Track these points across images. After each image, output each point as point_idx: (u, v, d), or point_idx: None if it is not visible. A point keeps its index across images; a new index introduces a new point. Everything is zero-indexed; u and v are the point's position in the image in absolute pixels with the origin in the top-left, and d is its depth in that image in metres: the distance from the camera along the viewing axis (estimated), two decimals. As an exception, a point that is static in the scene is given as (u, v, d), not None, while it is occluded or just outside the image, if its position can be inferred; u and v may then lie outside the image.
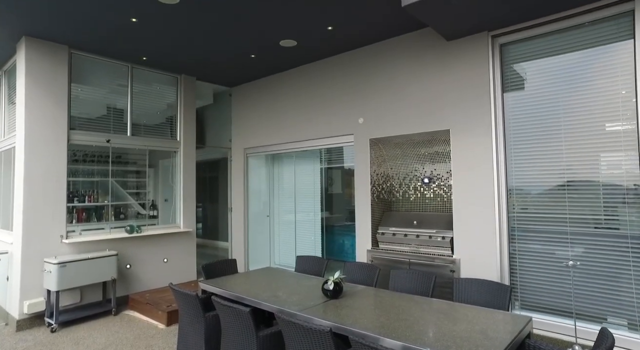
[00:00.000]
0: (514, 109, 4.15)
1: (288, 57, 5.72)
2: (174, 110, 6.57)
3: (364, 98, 5.28)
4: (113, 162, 5.84)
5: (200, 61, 5.90)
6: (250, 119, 7.00)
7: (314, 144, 5.96)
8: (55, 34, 4.81)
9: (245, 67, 6.18)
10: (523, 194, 4.09)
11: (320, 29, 4.69)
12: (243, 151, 7.11)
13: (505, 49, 4.23)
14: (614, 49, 3.60)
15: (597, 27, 3.69)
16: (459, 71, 4.39)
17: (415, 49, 4.77)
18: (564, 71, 3.86)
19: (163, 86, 6.43)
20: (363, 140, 5.24)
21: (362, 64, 5.33)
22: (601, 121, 3.65)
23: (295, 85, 6.22)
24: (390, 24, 4.58)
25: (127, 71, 5.92)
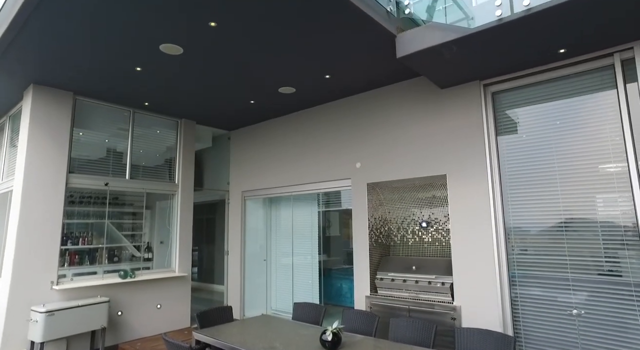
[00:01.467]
0: (508, 152, 4.23)
1: (286, 103, 5.89)
2: (174, 153, 6.65)
3: (361, 143, 5.38)
4: (110, 203, 5.82)
5: (201, 106, 6.06)
6: (248, 162, 7.08)
7: (311, 187, 6.00)
8: (61, 82, 4.97)
9: (244, 112, 6.34)
10: (521, 236, 4.07)
11: (318, 77, 4.87)
12: (241, 194, 7.13)
13: (497, 97, 4.38)
14: (600, 97, 3.74)
15: (583, 78, 3.85)
16: (453, 117, 4.52)
17: (411, 96, 4.94)
18: (554, 116, 3.99)
19: (163, 130, 6.56)
20: (360, 184, 5.28)
21: (359, 109, 5.49)
22: (594, 163, 3.71)
23: (293, 129, 6.36)
24: (386, 72, 4.77)
25: (128, 116, 6.05)
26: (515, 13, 3.16)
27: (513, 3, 3.20)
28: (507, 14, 3.20)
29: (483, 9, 3.38)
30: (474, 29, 3.36)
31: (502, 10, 3.22)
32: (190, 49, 4.06)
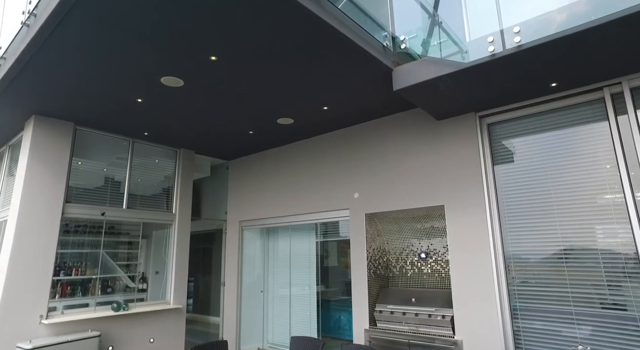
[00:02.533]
0: (505, 182, 4.25)
1: (285, 133, 5.96)
2: (172, 182, 6.65)
3: (359, 173, 5.40)
4: (106, 232, 5.76)
5: (200, 136, 6.12)
6: (246, 192, 7.07)
7: (309, 218, 5.97)
8: (63, 113, 5.03)
9: (243, 142, 6.40)
10: (522, 266, 4.02)
11: (316, 108, 4.96)
12: (238, 224, 7.07)
13: (492, 128, 4.45)
14: (593, 128, 3.80)
15: (575, 111, 3.93)
16: (450, 148, 4.56)
17: (408, 127, 5.01)
18: (550, 147, 4.03)
19: (162, 159, 6.59)
20: (358, 215, 5.26)
21: (356, 140, 5.55)
22: (590, 193, 3.72)
23: (292, 160, 6.40)
24: (383, 104, 4.86)
25: (128, 145, 6.10)
26: (507, 49, 3.26)
27: (505, 40, 3.32)
28: (499, 49, 3.30)
29: (476, 44, 3.49)
30: (468, 64, 3.46)
31: (495, 46, 3.33)
32: (191, 81, 4.15)
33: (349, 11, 3.57)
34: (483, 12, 3.90)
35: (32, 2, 3.28)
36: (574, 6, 2.98)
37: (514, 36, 3.22)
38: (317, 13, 3.07)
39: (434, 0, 4.50)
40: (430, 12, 4.49)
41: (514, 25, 3.26)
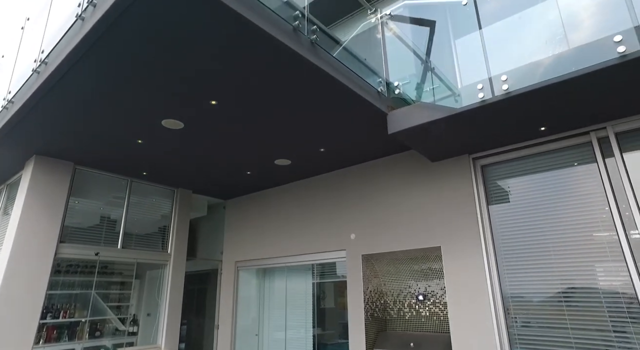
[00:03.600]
0: (501, 222, 4.27)
1: (282, 174, 6.04)
2: (168, 222, 6.62)
3: (355, 214, 5.42)
4: (99, 272, 5.64)
5: (198, 176, 6.18)
6: (243, 232, 7.03)
7: (306, 258, 5.91)
8: (64, 153, 5.11)
9: (240, 182, 6.46)
10: (522, 308, 3.95)
11: (313, 150, 5.06)
12: (234, 264, 6.97)
13: (486, 169, 4.54)
14: (584, 170, 3.89)
15: (565, 153, 4.04)
16: (445, 189, 4.63)
17: (403, 169, 5.10)
18: (543, 187, 4.10)
19: (159, 198, 6.60)
20: (355, 256, 5.22)
21: (353, 181, 5.62)
22: (585, 233, 3.74)
23: (288, 200, 6.43)
24: (379, 146, 4.98)
25: (126, 184, 6.13)
26: (496, 96, 3.41)
27: (493, 87, 3.48)
28: (489, 96, 3.45)
29: (467, 90, 3.65)
30: (459, 109, 3.60)
31: (484, 93, 3.48)
32: (191, 124, 4.26)
33: (345, 58, 3.76)
34: (474, 57, 4.10)
35: (44, 51, 3.44)
36: (557, 57, 3.16)
37: (502, 84, 3.37)
38: (314, 61, 3.24)
39: (426, 47, 4.74)
40: (422, 58, 4.72)
41: (501, 74, 3.42)
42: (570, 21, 3.50)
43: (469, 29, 4.12)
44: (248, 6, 2.72)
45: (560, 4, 3.66)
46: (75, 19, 2.96)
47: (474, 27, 4.04)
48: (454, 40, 4.37)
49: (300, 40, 3.17)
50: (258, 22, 2.76)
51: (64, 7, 3.42)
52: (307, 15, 3.38)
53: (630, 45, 2.76)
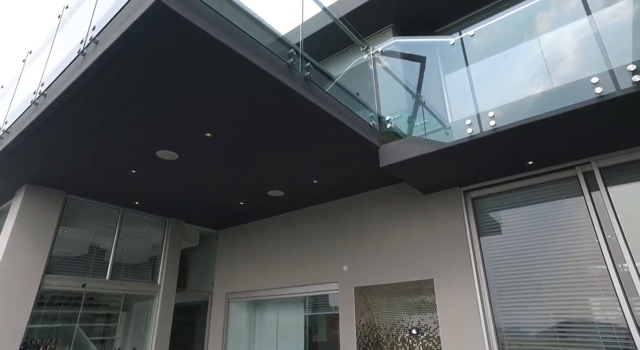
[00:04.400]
0: (493, 255, 4.28)
1: (275, 205, 6.05)
2: (159, 252, 6.53)
3: (348, 246, 5.41)
4: (84, 304, 5.46)
5: (190, 206, 6.17)
6: (235, 263, 6.94)
7: (298, 291, 5.83)
8: (56, 182, 5.10)
9: (233, 212, 6.44)
10: (516, 340, 3.89)
11: (307, 182, 5.11)
12: (225, 296, 6.83)
13: (476, 202, 4.60)
14: (571, 202, 3.97)
15: (553, 187, 4.13)
16: (437, 221, 4.66)
17: (396, 201, 5.15)
18: (533, 220, 4.15)
19: (151, 228, 6.54)
20: (348, 288, 5.17)
21: (346, 213, 5.64)
22: (575, 265, 3.77)
23: (281, 231, 6.40)
24: (371, 179, 5.04)
25: (117, 214, 6.08)
26: (484, 131, 3.51)
27: (481, 122, 3.59)
28: (477, 131, 3.56)
29: (456, 125, 3.77)
30: (449, 144, 3.70)
31: (473, 129, 3.59)
32: (185, 155, 4.31)
33: (337, 93, 3.88)
34: (463, 92, 4.23)
35: (44, 84, 3.51)
36: (541, 95, 3.29)
37: (490, 120, 3.49)
38: (308, 97, 3.34)
39: (417, 82, 4.90)
40: (414, 93, 4.87)
41: (489, 110, 3.55)
42: (554, 57, 3.69)
43: (458, 65, 4.30)
44: (246, 44, 2.84)
45: (542, 42, 3.86)
46: (77, 54, 3.06)
47: (463, 64, 4.22)
48: (444, 75, 4.55)
49: (294, 77, 3.28)
50: (255, 60, 2.88)
51: (66, 42, 3.53)
52: (302, 53, 3.52)
53: (606, 86, 2.90)
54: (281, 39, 3.45)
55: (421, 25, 5.99)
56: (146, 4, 2.41)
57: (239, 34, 2.82)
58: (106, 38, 2.75)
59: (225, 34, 2.70)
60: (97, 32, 2.88)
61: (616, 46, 3.25)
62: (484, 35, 4.21)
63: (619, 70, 2.91)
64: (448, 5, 5.68)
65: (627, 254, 3.49)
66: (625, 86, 2.85)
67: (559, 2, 3.79)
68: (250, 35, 2.93)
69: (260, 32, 3.17)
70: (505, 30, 4.22)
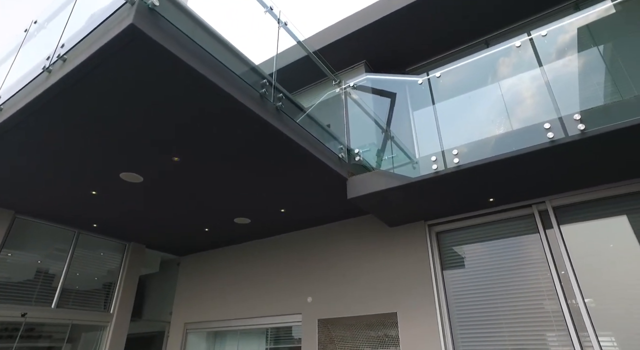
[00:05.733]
0: (455, 289, 4.34)
1: (241, 232, 5.93)
2: (115, 277, 6.18)
3: (313, 277, 5.33)
4: (21, 337, 4.99)
5: (153, 231, 5.94)
6: (195, 291, 6.66)
7: (261, 321, 5.63)
8: (4, 200, 4.79)
9: (197, 238, 6.25)
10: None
11: (274, 210, 5.06)
12: (183, 326, 6.49)
13: (440, 236, 4.69)
14: (529, 239, 4.12)
15: (512, 223, 4.30)
16: (402, 254, 4.70)
17: (362, 232, 5.17)
18: (494, 255, 4.27)
19: (108, 252, 6.21)
20: (311, 320, 5.05)
21: (312, 243, 5.60)
22: (532, 301, 3.88)
23: (246, 259, 6.25)
24: (338, 210, 5.07)
25: (72, 236, 5.76)
26: (449, 168, 3.64)
27: (446, 160, 3.73)
28: (442, 168, 3.68)
29: (423, 161, 3.88)
30: (415, 179, 3.80)
31: (438, 165, 3.71)
32: (151, 178, 4.19)
33: (308, 124, 3.94)
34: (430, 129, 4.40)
35: (1, 97, 3.37)
36: (501, 137, 3.47)
37: (454, 157, 3.63)
38: (279, 127, 3.38)
39: (386, 117, 5.06)
40: (383, 127, 5.01)
41: (453, 148, 3.69)
42: (514, 100, 3.93)
43: (426, 103, 4.49)
44: (220, 73, 2.87)
45: (504, 85, 4.12)
46: (41, 70, 2.97)
47: (430, 102, 4.41)
48: (413, 111, 4.73)
49: (266, 107, 3.32)
50: (228, 88, 2.90)
51: (30, 58, 3.43)
52: (274, 83, 3.58)
53: (557, 132, 3.11)
54: (255, 69, 3.50)
55: (392, 63, 6.25)
56: (120, 27, 2.40)
57: (213, 62, 2.85)
58: (75, 56, 2.69)
59: (199, 62, 2.72)
60: (67, 49, 2.82)
61: (568, 94, 3.53)
62: (450, 76, 4.44)
63: (567, 118, 3.14)
64: (417, 47, 5.99)
65: (577, 290, 3.63)
66: (572, 133, 3.06)
67: (518, 50, 4.09)
68: (225, 64, 2.96)
69: (235, 62, 3.21)
70: (470, 73, 4.48)
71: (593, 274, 3.67)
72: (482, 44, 5.78)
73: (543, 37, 3.86)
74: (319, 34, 6.20)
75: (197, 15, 2.99)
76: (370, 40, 5.86)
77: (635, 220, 3.68)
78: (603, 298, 3.56)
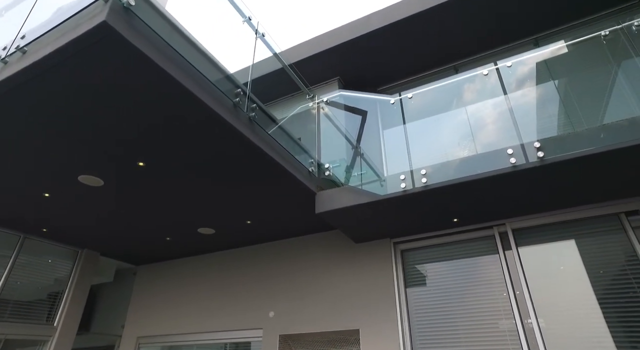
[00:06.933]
0: (417, 307, 4.38)
1: (204, 243, 5.75)
2: (63, 287, 5.77)
3: (276, 291, 5.23)
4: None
5: (110, 238, 5.64)
6: (152, 303, 6.34)
7: (219, 336, 5.43)
8: (-54, 199, 4.41)
9: (158, 247, 5.99)
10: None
11: (240, 222, 4.96)
12: (135, 340, 6.14)
13: (405, 254, 4.75)
14: (489, 260, 4.26)
15: (474, 244, 4.43)
16: (366, 271, 4.72)
17: (328, 247, 5.15)
18: (455, 274, 4.36)
19: (57, 259, 5.82)
20: (272, 335, 4.93)
21: (276, 256, 5.51)
22: (490, 320, 3.97)
23: (208, 271, 6.05)
24: (305, 224, 5.03)
25: (16, 241, 5.34)
26: (416, 187, 3.72)
27: (414, 179, 3.81)
28: (410, 187, 3.75)
29: (391, 179, 3.95)
30: (382, 196, 3.85)
31: (406, 184, 3.78)
32: (112, 182, 4.00)
33: (280, 136, 3.92)
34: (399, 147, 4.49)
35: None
36: (467, 159, 3.60)
37: (422, 177, 3.71)
38: (250, 137, 3.33)
39: (357, 134, 5.13)
40: (354, 144, 5.07)
41: (421, 168, 3.78)
42: (479, 123, 4.11)
43: (396, 122, 4.60)
44: (194, 79, 2.81)
45: (469, 110, 4.30)
46: (-4, 61, 2.79)
47: (401, 122, 4.52)
48: (383, 130, 4.82)
49: (239, 116, 3.27)
50: (201, 96, 2.83)
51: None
52: (249, 93, 3.55)
53: (518, 158, 3.27)
54: (230, 78, 3.46)
55: (365, 82, 6.39)
56: (91, 23, 2.30)
57: (188, 68, 2.79)
58: (38, 49, 2.55)
59: (174, 66, 2.65)
60: (28, 41, 2.67)
61: (528, 122, 3.74)
62: (421, 98, 4.59)
63: (528, 145, 3.31)
64: (390, 68, 6.17)
65: (531, 310, 3.77)
66: (532, 160, 3.23)
67: (485, 78, 4.30)
68: (201, 71, 2.91)
69: (210, 69, 3.16)
70: (440, 96, 4.65)
71: (546, 294, 3.83)
72: (451, 70, 6.04)
73: (508, 67, 4.08)
74: (296, 47, 6.26)
75: (174, 19, 2.94)
76: (345, 57, 5.98)
77: (582, 244, 3.92)
78: (554, 318, 3.72)
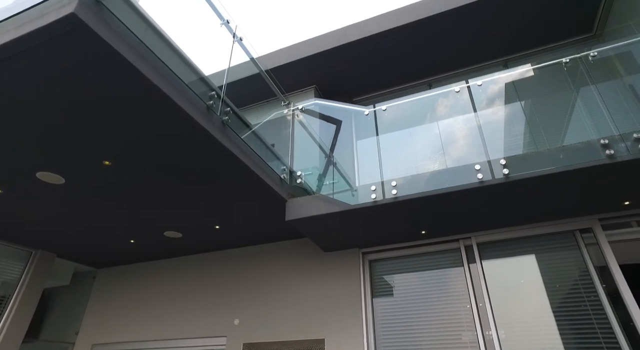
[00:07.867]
0: (383, 318, 4.41)
1: (170, 247, 5.57)
2: (11, 290, 5.41)
3: (242, 298, 5.13)
4: None
5: (68, 238, 5.36)
6: (111, 309, 6.06)
7: (181, 344, 5.25)
8: None
9: (120, 250, 5.75)
10: None
11: (208, 226, 4.85)
12: (90, 348, 5.84)
13: (373, 264, 4.78)
14: (455, 272, 4.35)
15: (441, 256, 4.52)
16: (334, 280, 4.71)
17: (296, 255, 5.11)
18: (421, 285, 4.43)
19: (6, 260, 5.44)
20: (236, 344, 4.82)
21: (243, 262, 5.41)
22: (453, 331, 4.04)
23: (172, 276, 5.86)
24: (274, 231, 4.98)
25: (-37, 240, 5.00)
26: (386, 198, 3.76)
27: (385, 190, 3.85)
28: (380, 198, 3.79)
29: (362, 189, 3.98)
30: (353, 206, 3.87)
31: (376, 195, 3.82)
32: (74, 181, 3.82)
33: (253, 142, 3.88)
34: (372, 158, 4.55)
35: None
36: (436, 173, 3.68)
37: (392, 189, 3.76)
38: (222, 141, 3.28)
39: (331, 143, 5.16)
40: (327, 153, 5.10)
41: (392, 179, 3.83)
42: (449, 138, 4.22)
43: (370, 133, 4.66)
44: (167, 79, 2.74)
45: (441, 124, 4.42)
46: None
47: (374, 133, 4.59)
48: (356, 140, 4.87)
49: (212, 119, 3.22)
50: (174, 97, 2.77)
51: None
52: (223, 97, 3.50)
53: (485, 173, 3.38)
54: (204, 80, 3.40)
55: (341, 92, 6.45)
56: (58, 14, 2.20)
57: (161, 67, 2.72)
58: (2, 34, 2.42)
59: (147, 66, 2.58)
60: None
61: (495, 139, 3.88)
62: (394, 110, 4.68)
63: (495, 162, 3.43)
64: (366, 80, 6.26)
65: (492, 322, 3.88)
66: (498, 176, 3.34)
67: (457, 94, 4.43)
68: (175, 72, 2.84)
69: (185, 70, 3.10)
70: (413, 110, 4.76)
71: (506, 307, 3.95)
72: (425, 85, 6.20)
73: (479, 86, 4.23)
74: (274, 53, 6.25)
75: (149, 17, 2.87)
76: (322, 67, 6.02)
77: (541, 259, 4.09)
78: (513, 330, 3.83)
